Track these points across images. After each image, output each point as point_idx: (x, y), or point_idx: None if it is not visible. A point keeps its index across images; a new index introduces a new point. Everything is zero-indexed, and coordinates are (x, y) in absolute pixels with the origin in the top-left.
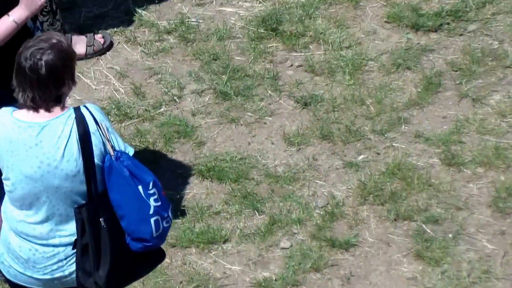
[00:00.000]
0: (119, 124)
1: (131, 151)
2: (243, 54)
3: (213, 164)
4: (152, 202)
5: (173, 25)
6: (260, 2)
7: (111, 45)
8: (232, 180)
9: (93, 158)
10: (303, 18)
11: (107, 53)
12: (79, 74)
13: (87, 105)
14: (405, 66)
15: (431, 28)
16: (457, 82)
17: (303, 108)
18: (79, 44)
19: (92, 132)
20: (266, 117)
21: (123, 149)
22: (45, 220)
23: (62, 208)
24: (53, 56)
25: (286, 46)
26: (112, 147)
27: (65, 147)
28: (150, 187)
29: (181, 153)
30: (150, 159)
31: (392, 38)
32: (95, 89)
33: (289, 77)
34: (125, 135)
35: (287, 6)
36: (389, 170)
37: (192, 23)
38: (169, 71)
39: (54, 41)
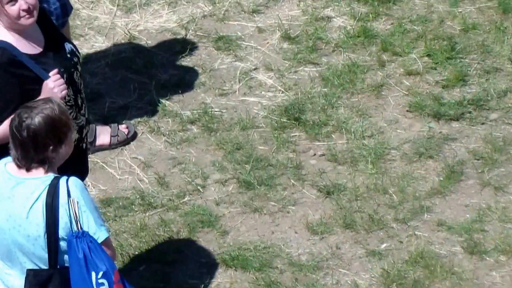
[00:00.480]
0: (143, 214)
1: (101, 236)
2: (266, 144)
3: (237, 253)
4: None
5: (197, 115)
6: (282, 92)
7: (135, 135)
8: (256, 269)
9: (57, 228)
10: (326, 107)
11: (131, 143)
12: (103, 164)
13: (70, 178)
14: (427, 155)
15: (453, 117)
16: (479, 171)
17: (326, 197)
18: (104, 135)
19: (61, 204)
20: (289, 206)
21: (92, 232)
22: (20, 273)
23: (30, 267)
24: (37, 120)
25: (309, 135)
26: (79, 225)
27: (30, 208)
28: (100, 276)
29: (205, 242)
30: (175, 249)
31: (414, 127)
32: (119, 179)
33: (312, 166)
34: (149, 225)
35: (309, 96)
36: (412, 258)
37: (215, 113)
38: (193, 160)
39: (46, 106)
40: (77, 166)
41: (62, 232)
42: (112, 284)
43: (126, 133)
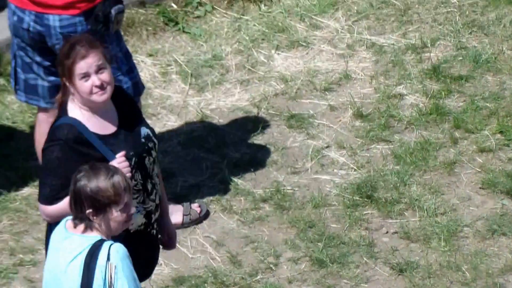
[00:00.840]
0: None
1: None
2: (339, 222)
3: None
4: None
5: (269, 193)
6: (355, 170)
7: (207, 214)
8: None
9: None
10: (398, 185)
11: (204, 221)
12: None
13: (115, 244)
14: (500, 232)
15: None
16: None
17: (399, 274)
18: (176, 214)
19: (98, 265)
20: (362, 284)
21: None
22: None
23: None
24: (83, 183)
25: (382, 213)
26: None
27: (69, 263)
28: None
29: None
30: None
31: (487, 204)
32: (191, 257)
33: (385, 244)
34: None
35: (382, 173)
36: None
37: (287, 191)
38: (265, 239)
39: (102, 173)
40: (147, 252)
41: None
42: None
43: (198, 212)
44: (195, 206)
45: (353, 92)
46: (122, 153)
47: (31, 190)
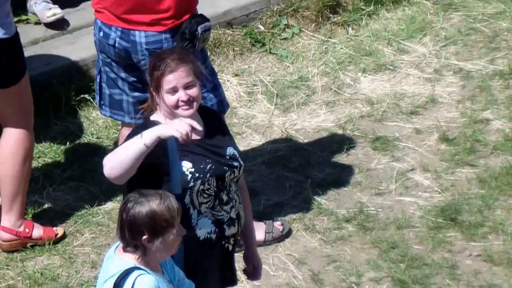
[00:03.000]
0: None
1: None
2: (422, 243)
3: None
4: None
5: (352, 214)
6: (439, 193)
7: (289, 232)
8: None
9: None
10: (482, 209)
11: (286, 240)
12: None
13: (142, 275)
14: None
15: None
16: None
17: None
18: (259, 231)
19: None
20: None
21: None
22: None
23: None
24: (138, 209)
25: (465, 236)
26: None
27: (103, 283)
28: None
29: None
30: None
31: None
32: (273, 275)
33: (468, 266)
34: None
35: (466, 197)
36: None
37: (371, 211)
38: (348, 258)
39: (154, 199)
40: (220, 269)
41: None
42: None
43: (280, 230)
44: (277, 224)
45: (439, 116)
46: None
47: (113, 205)
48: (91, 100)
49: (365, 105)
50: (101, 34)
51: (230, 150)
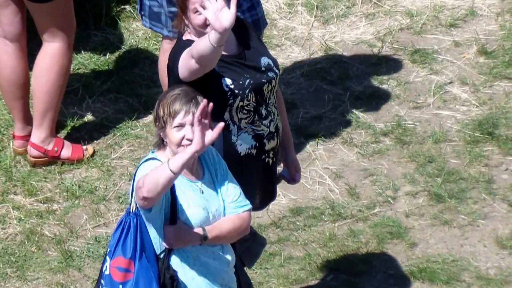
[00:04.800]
0: (333, 224)
1: None
2: (459, 157)
3: (425, 266)
4: None
5: (390, 127)
6: (477, 106)
7: None
8: (444, 282)
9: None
10: None
11: (323, 153)
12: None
13: (149, 161)
14: None
15: None
16: None
17: None
18: None
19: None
20: (479, 220)
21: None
22: None
23: None
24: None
25: (502, 150)
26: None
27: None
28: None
29: (393, 253)
30: (363, 259)
31: None
32: (309, 188)
33: (504, 181)
34: (338, 235)
35: (504, 111)
36: None
37: (408, 125)
38: (384, 172)
39: (177, 89)
40: (262, 183)
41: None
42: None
43: None
44: None
45: (478, 29)
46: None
47: (152, 118)
48: (131, 11)
49: (405, 17)
50: None
51: (264, 60)
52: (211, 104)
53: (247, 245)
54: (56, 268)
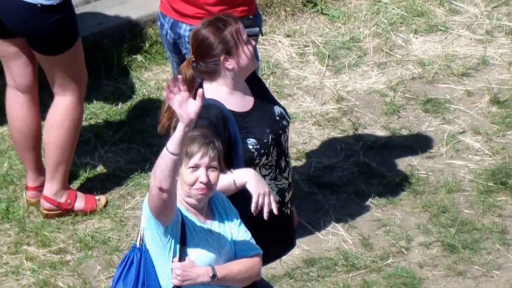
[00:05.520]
0: (346, 275)
1: None
2: (472, 207)
3: None
4: None
5: (403, 177)
6: (490, 156)
7: None
8: None
9: None
10: None
11: (337, 204)
12: (307, 224)
13: None
14: None
15: None
16: None
17: None
18: None
19: None
20: (494, 271)
21: None
22: None
23: None
24: None
25: None
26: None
27: None
28: None
29: None
30: None
31: None
32: (323, 239)
33: None
34: (351, 286)
35: None
36: None
37: (421, 175)
38: (398, 223)
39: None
40: (281, 234)
41: None
42: None
43: None
44: None
45: (491, 78)
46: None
47: None
48: (143, 60)
49: (417, 66)
50: (159, 23)
51: (277, 110)
52: (180, 77)
53: None
54: None
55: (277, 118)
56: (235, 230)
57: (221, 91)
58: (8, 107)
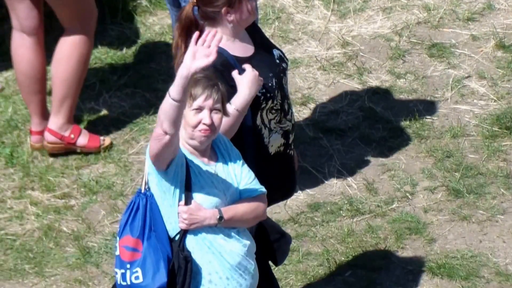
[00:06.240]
0: (351, 220)
1: None
2: (477, 152)
3: (444, 261)
4: None
5: (407, 122)
6: (495, 101)
7: None
8: (463, 277)
9: None
10: None
11: (341, 148)
12: (311, 169)
13: None
14: None
15: None
16: None
17: None
18: None
19: None
20: (498, 215)
21: None
22: None
23: None
24: None
25: None
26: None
27: None
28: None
29: (412, 249)
30: (381, 255)
31: None
32: (327, 184)
33: None
34: (356, 231)
35: None
36: None
37: (426, 120)
38: (402, 167)
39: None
40: (286, 174)
41: None
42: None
43: None
44: None
45: (496, 23)
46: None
47: None
48: (148, 5)
49: (422, 11)
50: None
51: (276, 53)
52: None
53: (278, 244)
54: (74, 264)
55: (277, 61)
56: (239, 171)
57: (224, 39)
58: (14, 50)
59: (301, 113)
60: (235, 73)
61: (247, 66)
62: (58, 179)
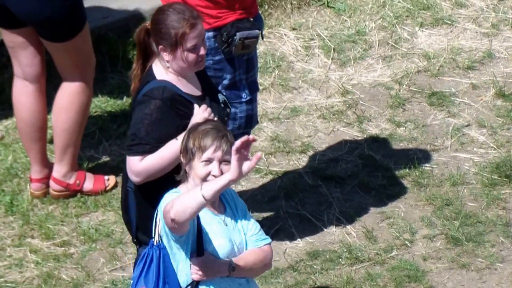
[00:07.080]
0: (350, 268)
1: None
2: (476, 200)
3: None
4: None
5: (407, 170)
6: (494, 149)
7: None
8: None
9: None
10: None
11: (340, 196)
12: (310, 217)
13: (170, 193)
14: None
15: None
16: None
17: None
18: None
19: None
20: (497, 264)
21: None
22: None
23: None
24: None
25: None
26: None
27: None
28: None
29: None
30: None
31: None
32: (326, 232)
33: None
34: (355, 279)
35: None
36: None
37: (426, 168)
38: (401, 215)
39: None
40: None
41: None
42: None
43: None
44: None
45: (496, 71)
46: (205, 105)
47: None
48: None
49: (422, 59)
50: None
51: (221, 97)
52: (252, 137)
53: None
54: None
55: (222, 105)
56: (245, 222)
57: (169, 76)
58: (16, 97)
59: (300, 161)
60: (196, 106)
61: (203, 104)
62: (57, 227)
